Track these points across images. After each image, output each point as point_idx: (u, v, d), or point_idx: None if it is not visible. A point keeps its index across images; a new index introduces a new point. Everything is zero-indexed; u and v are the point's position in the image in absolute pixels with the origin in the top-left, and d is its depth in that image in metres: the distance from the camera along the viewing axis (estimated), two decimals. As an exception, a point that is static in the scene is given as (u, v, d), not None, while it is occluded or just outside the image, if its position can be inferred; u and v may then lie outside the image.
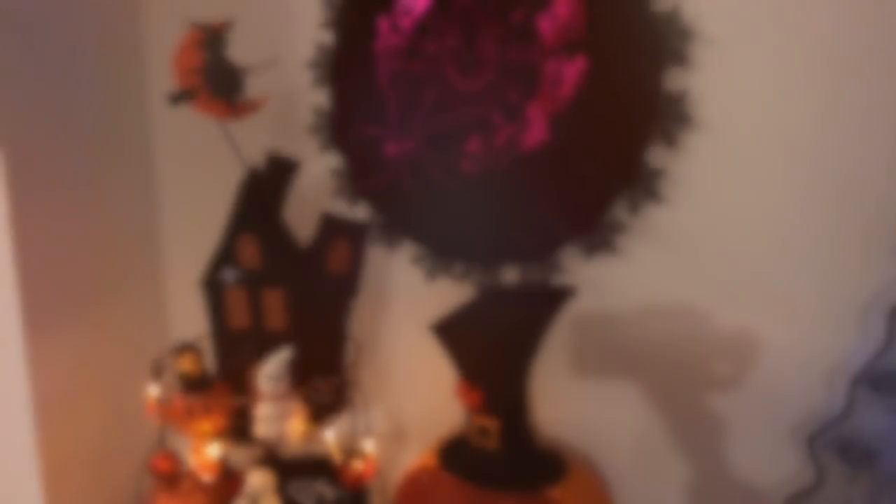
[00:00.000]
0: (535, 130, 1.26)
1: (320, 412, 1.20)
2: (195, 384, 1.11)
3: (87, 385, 1.46)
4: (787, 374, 1.19)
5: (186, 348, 1.12)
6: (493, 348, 1.09)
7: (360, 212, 1.46)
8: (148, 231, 1.62)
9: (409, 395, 1.54)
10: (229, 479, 1.35)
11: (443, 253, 1.41)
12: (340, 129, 1.42)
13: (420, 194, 1.33)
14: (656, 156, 1.21)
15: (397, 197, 1.41)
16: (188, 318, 1.55)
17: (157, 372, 1.22)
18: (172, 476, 1.21)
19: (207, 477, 1.13)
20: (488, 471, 1.15)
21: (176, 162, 1.62)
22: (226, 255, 1.18)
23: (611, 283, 1.29)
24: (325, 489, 1.30)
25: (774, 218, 1.16)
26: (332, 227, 1.21)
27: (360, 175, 1.43)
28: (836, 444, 1.11)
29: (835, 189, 1.11)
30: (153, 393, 1.20)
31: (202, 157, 1.58)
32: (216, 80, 1.09)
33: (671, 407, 1.29)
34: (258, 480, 1.21)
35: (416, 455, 1.38)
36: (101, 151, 1.46)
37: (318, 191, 1.51)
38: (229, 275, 1.17)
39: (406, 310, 1.49)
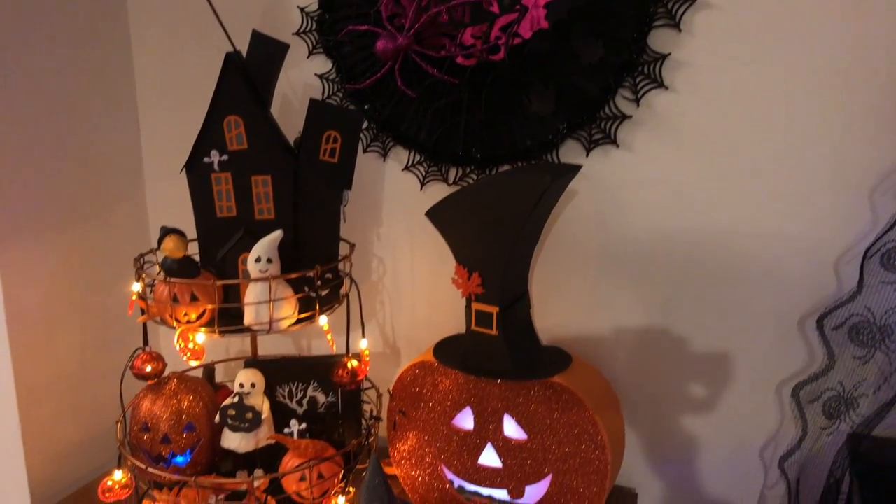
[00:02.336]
0: (533, 19, 1.21)
1: (313, 305, 1.15)
2: (180, 268, 1.05)
3: (65, 302, 1.40)
4: (796, 262, 1.16)
5: (170, 231, 1.06)
6: (490, 228, 1.04)
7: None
8: (129, 141, 1.56)
9: (402, 311, 1.49)
10: (218, 389, 1.30)
11: (436, 157, 1.37)
12: (329, 29, 1.37)
13: (412, 93, 1.28)
14: (660, 39, 1.17)
15: (388, 99, 1.36)
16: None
17: (139, 267, 1.16)
18: (157, 377, 1.15)
19: (193, 362, 1.07)
20: (487, 360, 1.10)
21: (156, 72, 1.56)
22: (211, 137, 1.11)
23: (612, 178, 1.25)
24: (317, 394, 1.25)
25: (781, 99, 1.12)
26: (322, 115, 1.15)
27: (350, 78, 1.38)
28: (847, 326, 1.07)
29: (843, 64, 1.07)
30: (135, 289, 1.14)
31: (183, 68, 1.52)
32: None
33: (674, 304, 1.25)
34: (247, 378, 1.16)
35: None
36: (76, 55, 1.39)
37: (305, 100, 1.45)
38: (215, 157, 1.11)
39: (399, 221, 1.45)
